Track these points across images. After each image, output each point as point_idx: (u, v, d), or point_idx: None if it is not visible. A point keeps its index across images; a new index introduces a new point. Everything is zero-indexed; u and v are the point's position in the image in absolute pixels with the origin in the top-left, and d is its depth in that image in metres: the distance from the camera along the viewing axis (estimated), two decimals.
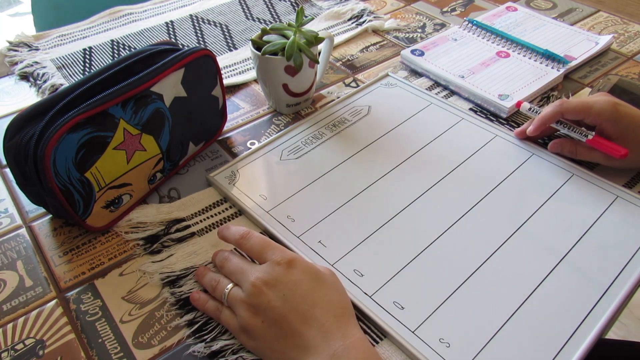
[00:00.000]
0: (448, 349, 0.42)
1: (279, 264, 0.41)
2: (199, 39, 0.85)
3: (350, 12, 0.90)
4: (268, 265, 0.42)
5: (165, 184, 0.59)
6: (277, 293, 0.40)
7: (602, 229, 0.52)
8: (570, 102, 0.57)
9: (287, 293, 0.40)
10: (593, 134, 0.56)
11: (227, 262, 0.45)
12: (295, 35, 0.62)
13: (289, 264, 0.41)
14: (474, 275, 0.48)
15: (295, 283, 0.40)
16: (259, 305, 0.40)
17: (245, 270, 0.43)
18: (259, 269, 0.42)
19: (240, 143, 0.65)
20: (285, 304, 0.40)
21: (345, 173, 0.59)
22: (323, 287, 0.41)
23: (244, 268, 0.43)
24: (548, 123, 0.58)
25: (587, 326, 0.44)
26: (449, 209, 0.54)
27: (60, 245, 0.53)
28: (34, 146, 0.45)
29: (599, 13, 0.90)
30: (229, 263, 0.45)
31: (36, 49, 0.82)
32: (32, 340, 0.45)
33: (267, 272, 0.41)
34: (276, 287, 0.40)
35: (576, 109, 0.56)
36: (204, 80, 0.58)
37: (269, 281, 0.40)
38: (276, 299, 0.40)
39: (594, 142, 0.56)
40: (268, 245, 0.44)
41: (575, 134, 0.57)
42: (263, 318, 0.40)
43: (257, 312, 0.40)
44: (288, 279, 0.41)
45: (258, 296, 0.40)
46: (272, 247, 0.43)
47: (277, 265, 0.41)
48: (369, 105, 0.69)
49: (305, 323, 0.39)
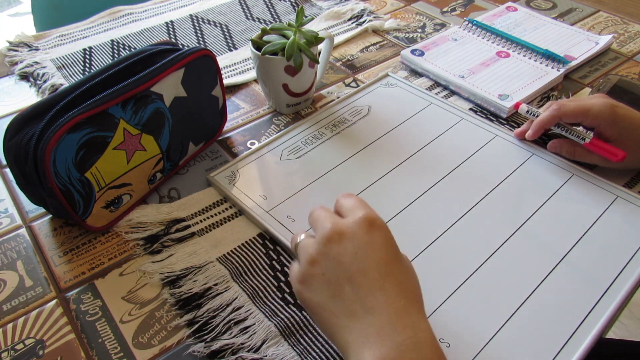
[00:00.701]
0: (448, 349, 0.42)
1: (363, 220, 0.37)
2: (199, 39, 0.85)
3: (350, 12, 0.90)
4: (350, 218, 0.37)
5: (165, 184, 0.59)
6: (350, 247, 0.36)
7: (602, 229, 0.52)
8: (568, 105, 0.57)
9: (361, 252, 0.35)
10: (591, 137, 0.56)
11: (314, 210, 0.41)
12: (295, 35, 0.62)
13: (373, 224, 0.37)
14: (473, 275, 0.48)
15: (374, 245, 0.36)
16: (327, 254, 0.36)
17: (327, 218, 0.38)
18: (340, 220, 0.38)
19: (240, 143, 0.65)
20: (354, 262, 0.35)
21: (345, 173, 0.59)
22: (400, 262, 0.37)
23: (326, 216, 0.39)
24: (546, 127, 0.59)
25: (587, 326, 0.44)
26: (449, 209, 0.54)
27: (60, 245, 0.53)
28: (34, 146, 0.45)
29: (599, 13, 0.90)
30: (315, 212, 0.40)
31: (36, 49, 0.82)
32: (32, 340, 0.45)
33: (347, 224, 0.37)
34: (352, 241, 0.36)
35: (574, 112, 0.56)
36: (204, 80, 0.58)
37: (346, 232, 0.36)
38: (347, 253, 0.35)
39: (591, 146, 0.56)
40: (360, 204, 0.39)
41: (573, 136, 0.57)
42: (325, 270, 0.36)
43: (322, 263, 0.36)
44: (367, 238, 0.36)
45: (329, 243, 0.36)
46: (364, 205, 0.39)
47: (361, 220, 0.37)
48: (369, 105, 0.69)
49: (370, 293, 0.34)
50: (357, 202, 0.39)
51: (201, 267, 0.50)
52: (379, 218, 0.38)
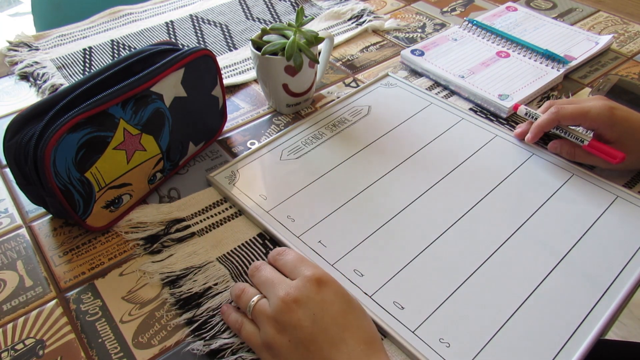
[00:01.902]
0: (448, 349, 0.42)
1: (310, 281, 0.40)
2: (199, 39, 0.85)
3: (350, 12, 0.90)
4: (299, 281, 0.40)
5: (165, 184, 0.59)
6: (307, 312, 0.38)
7: (602, 229, 0.52)
8: (566, 108, 0.57)
9: (318, 313, 0.38)
10: (590, 138, 0.56)
11: (258, 271, 0.43)
12: (295, 35, 0.62)
13: (321, 282, 0.40)
14: (474, 275, 0.48)
15: (326, 303, 0.39)
16: (288, 323, 0.38)
17: (275, 283, 0.41)
18: (290, 284, 0.40)
19: (240, 143, 0.65)
20: (314, 324, 0.38)
21: (345, 173, 0.59)
22: (353, 310, 0.40)
23: (274, 280, 0.41)
24: (545, 130, 0.59)
25: (587, 326, 0.44)
26: (449, 209, 0.54)
27: (60, 245, 0.53)
28: (34, 146, 0.45)
29: (599, 13, 0.90)
30: (259, 273, 0.43)
31: (36, 49, 0.82)
32: (32, 340, 0.45)
33: (298, 288, 0.39)
34: (307, 306, 0.38)
35: (572, 115, 0.56)
36: (204, 80, 0.58)
37: (300, 298, 0.39)
38: (306, 318, 0.38)
39: (590, 148, 0.56)
40: (302, 262, 0.42)
41: (572, 139, 0.57)
42: (290, 337, 0.38)
43: (284, 330, 0.38)
44: (319, 297, 0.39)
45: (287, 313, 0.38)
46: (306, 263, 0.42)
47: (309, 282, 0.40)
48: (369, 105, 0.69)
49: (334, 347, 0.37)
50: (297, 260, 0.42)
51: (201, 267, 0.50)
52: (324, 273, 0.41)
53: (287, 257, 0.43)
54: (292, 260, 0.43)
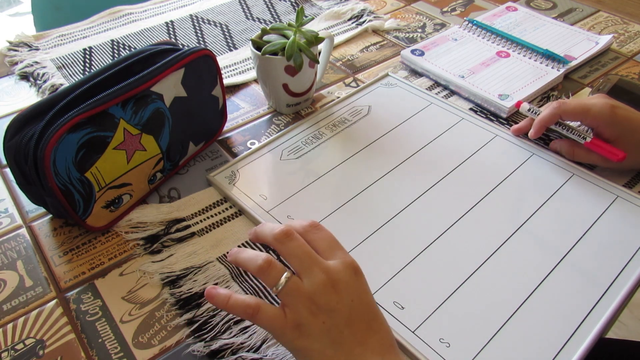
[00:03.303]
0: (448, 349, 0.42)
1: (350, 267, 0.38)
2: (199, 39, 0.85)
3: (350, 12, 0.90)
4: (339, 265, 0.38)
5: (165, 184, 0.59)
6: (345, 297, 0.37)
7: (602, 229, 0.52)
8: (568, 104, 0.57)
9: (355, 299, 0.37)
10: (591, 137, 0.56)
11: (291, 240, 0.38)
12: (295, 35, 0.62)
13: (357, 271, 0.39)
14: (474, 275, 0.48)
15: (364, 292, 0.38)
16: (325, 305, 0.36)
17: (313, 261, 0.38)
18: (330, 266, 0.38)
19: (240, 143, 0.65)
20: (352, 310, 0.37)
21: (345, 173, 0.59)
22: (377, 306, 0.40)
23: (311, 257, 0.38)
24: (547, 125, 0.59)
25: (587, 326, 0.44)
26: (449, 209, 0.54)
27: (60, 245, 0.53)
28: (34, 146, 0.45)
29: (599, 13, 0.90)
30: (293, 242, 0.38)
31: (36, 49, 0.82)
32: (32, 340, 0.45)
33: (339, 271, 0.37)
34: (345, 291, 0.37)
35: (574, 111, 0.57)
36: (204, 80, 0.58)
37: (339, 282, 0.37)
38: (344, 303, 0.37)
39: (591, 145, 0.56)
40: (338, 244, 0.40)
41: (574, 135, 0.58)
42: (325, 319, 0.36)
43: (319, 311, 0.36)
44: (357, 285, 0.38)
45: (325, 295, 0.36)
46: (342, 247, 0.40)
47: (349, 267, 0.38)
48: (369, 105, 0.69)
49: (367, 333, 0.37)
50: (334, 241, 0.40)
51: (201, 267, 0.50)
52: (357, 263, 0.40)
53: (324, 234, 0.40)
54: (329, 240, 0.40)
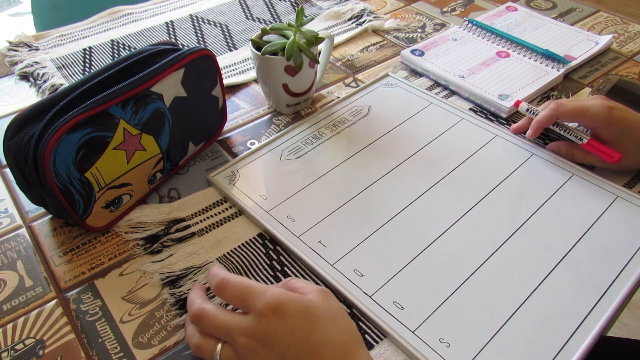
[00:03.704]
0: (448, 349, 0.42)
1: (265, 315, 0.37)
2: (199, 39, 0.85)
3: (350, 12, 0.90)
4: (253, 318, 0.38)
5: (165, 184, 0.59)
6: (273, 350, 0.37)
7: (602, 229, 0.52)
8: (566, 105, 0.57)
9: (283, 347, 0.37)
10: (588, 138, 0.56)
11: (204, 321, 0.40)
12: (295, 35, 0.62)
13: (276, 312, 0.37)
14: (474, 275, 0.48)
15: (289, 332, 0.37)
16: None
17: (230, 329, 0.38)
18: (245, 324, 0.38)
19: (240, 143, 0.65)
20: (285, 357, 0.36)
21: (345, 173, 0.59)
22: (319, 324, 0.38)
23: (226, 326, 0.39)
24: (545, 126, 0.59)
25: (587, 326, 0.44)
26: (449, 209, 0.54)
27: (60, 245, 0.53)
28: (34, 146, 0.45)
29: (599, 13, 0.90)
30: (206, 322, 0.40)
31: (36, 49, 0.82)
32: (32, 340, 0.45)
33: (255, 327, 0.37)
34: (270, 343, 0.37)
35: (571, 112, 0.57)
36: (204, 80, 0.58)
37: (261, 337, 0.37)
38: (273, 356, 0.37)
39: (588, 147, 0.56)
40: (247, 292, 0.39)
41: (571, 136, 0.58)
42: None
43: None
44: (280, 329, 0.37)
45: (254, 357, 0.37)
46: (252, 292, 0.39)
47: (263, 316, 0.37)
48: (369, 105, 0.69)
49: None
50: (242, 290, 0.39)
51: (201, 267, 0.50)
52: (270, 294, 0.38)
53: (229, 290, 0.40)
54: (239, 294, 0.39)
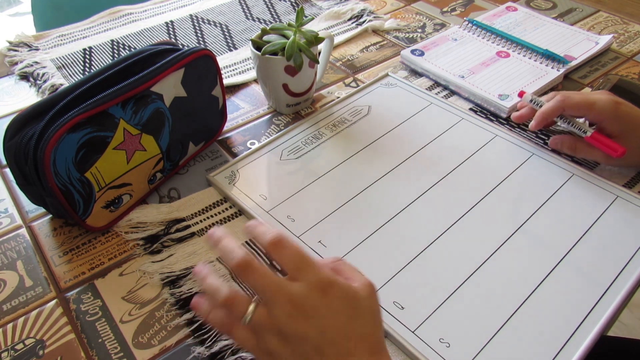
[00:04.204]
0: (448, 349, 0.42)
1: (317, 288, 0.36)
2: (199, 39, 0.85)
3: (350, 12, 0.90)
4: (304, 288, 0.36)
5: (165, 184, 0.59)
6: (313, 323, 0.35)
7: (602, 229, 0.52)
8: (573, 98, 0.57)
9: (324, 324, 0.35)
10: (592, 131, 0.56)
11: (252, 273, 0.36)
12: (295, 35, 0.62)
13: (326, 290, 0.36)
14: (474, 275, 0.48)
15: (333, 313, 0.36)
16: (293, 334, 0.35)
17: (277, 290, 0.36)
18: (294, 291, 0.36)
19: (240, 143, 0.65)
20: (322, 336, 0.35)
21: (345, 173, 0.59)
22: (361, 316, 0.37)
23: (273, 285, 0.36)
24: (550, 118, 0.58)
25: (587, 326, 0.44)
26: (449, 209, 0.54)
27: (60, 245, 0.53)
28: (34, 146, 0.45)
29: (599, 13, 0.90)
30: (255, 275, 0.36)
31: (36, 49, 0.82)
32: (32, 340, 0.45)
33: (304, 296, 0.35)
34: (312, 317, 0.35)
35: (578, 105, 0.56)
36: (204, 80, 0.58)
37: (305, 308, 0.35)
38: (313, 329, 0.35)
39: (592, 140, 0.56)
40: (304, 260, 0.37)
41: (575, 129, 0.57)
42: (294, 348, 0.35)
43: (288, 340, 0.35)
44: (326, 307, 0.35)
45: (292, 323, 0.35)
46: (309, 262, 0.37)
47: (315, 289, 0.36)
48: (369, 105, 0.69)
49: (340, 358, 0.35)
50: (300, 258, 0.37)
51: None
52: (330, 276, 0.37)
53: (288, 251, 0.37)
54: (295, 258, 0.37)
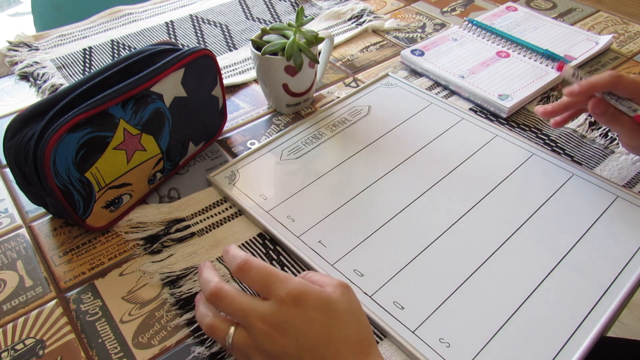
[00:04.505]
0: (448, 349, 0.42)
1: (286, 303, 0.36)
2: (199, 39, 0.85)
3: (350, 12, 0.90)
4: (274, 305, 0.37)
5: (165, 184, 0.59)
6: (289, 338, 0.36)
7: (602, 229, 0.52)
8: (628, 76, 0.53)
9: (300, 336, 0.36)
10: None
11: (222, 301, 0.39)
12: (295, 35, 0.62)
13: (297, 301, 0.36)
14: (474, 275, 0.48)
15: (307, 323, 0.36)
16: (273, 352, 0.36)
17: (247, 313, 0.37)
18: (264, 310, 0.37)
19: (240, 143, 0.65)
20: (300, 349, 0.35)
21: (345, 173, 0.59)
22: (337, 319, 0.37)
23: (244, 309, 0.37)
24: (596, 91, 0.54)
25: (587, 326, 0.44)
26: (449, 209, 0.54)
27: (60, 245, 0.53)
28: (34, 146, 0.45)
29: (599, 13, 0.90)
30: (224, 302, 0.39)
31: (36, 49, 0.82)
32: (32, 340, 0.45)
33: (274, 314, 0.36)
34: (287, 331, 0.36)
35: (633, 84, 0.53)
36: (204, 80, 0.58)
37: (279, 325, 0.36)
38: (290, 344, 0.36)
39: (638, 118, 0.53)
40: (270, 278, 0.38)
41: (624, 107, 0.54)
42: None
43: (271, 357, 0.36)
44: (299, 319, 0.36)
45: (269, 343, 0.36)
46: (275, 279, 0.38)
47: (284, 304, 0.36)
48: (369, 105, 0.69)
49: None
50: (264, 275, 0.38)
51: None
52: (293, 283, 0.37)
53: (252, 273, 0.39)
54: (259, 277, 0.38)
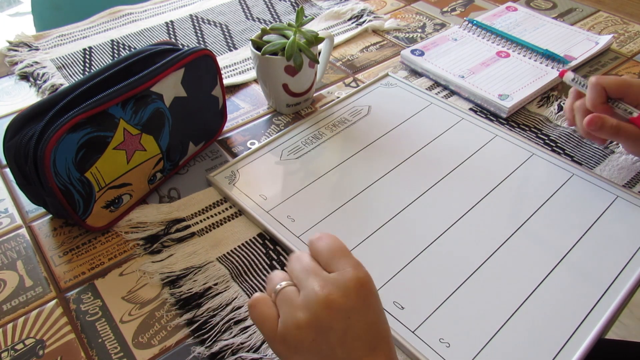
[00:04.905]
0: (448, 349, 0.42)
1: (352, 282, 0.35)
2: (199, 39, 0.85)
3: (350, 12, 0.90)
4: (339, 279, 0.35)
5: (165, 184, 0.59)
6: (341, 313, 0.34)
7: (602, 229, 0.52)
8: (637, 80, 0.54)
9: (353, 317, 0.34)
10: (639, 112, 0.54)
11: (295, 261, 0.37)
12: (295, 35, 0.62)
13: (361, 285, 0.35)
14: (474, 275, 0.48)
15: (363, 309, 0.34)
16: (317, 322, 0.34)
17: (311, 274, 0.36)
18: (328, 279, 0.35)
19: (240, 143, 0.65)
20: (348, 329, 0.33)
21: (345, 173, 0.59)
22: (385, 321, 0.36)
23: (309, 270, 0.36)
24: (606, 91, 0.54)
25: (587, 326, 0.44)
26: (449, 209, 0.54)
27: (60, 245, 0.53)
28: (34, 146, 0.45)
29: (599, 13, 0.90)
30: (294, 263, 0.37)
31: (36, 49, 0.82)
32: (32, 340, 0.45)
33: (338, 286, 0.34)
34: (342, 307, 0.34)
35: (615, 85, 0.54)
36: (204, 80, 0.58)
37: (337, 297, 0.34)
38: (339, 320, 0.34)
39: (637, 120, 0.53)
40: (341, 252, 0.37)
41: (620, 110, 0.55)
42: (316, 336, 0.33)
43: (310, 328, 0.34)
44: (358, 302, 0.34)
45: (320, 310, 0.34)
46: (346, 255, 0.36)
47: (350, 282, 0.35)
48: (369, 105, 0.69)
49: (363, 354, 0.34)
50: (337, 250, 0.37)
51: (201, 267, 0.50)
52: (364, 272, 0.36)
53: (324, 242, 0.37)
54: (332, 249, 0.37)
